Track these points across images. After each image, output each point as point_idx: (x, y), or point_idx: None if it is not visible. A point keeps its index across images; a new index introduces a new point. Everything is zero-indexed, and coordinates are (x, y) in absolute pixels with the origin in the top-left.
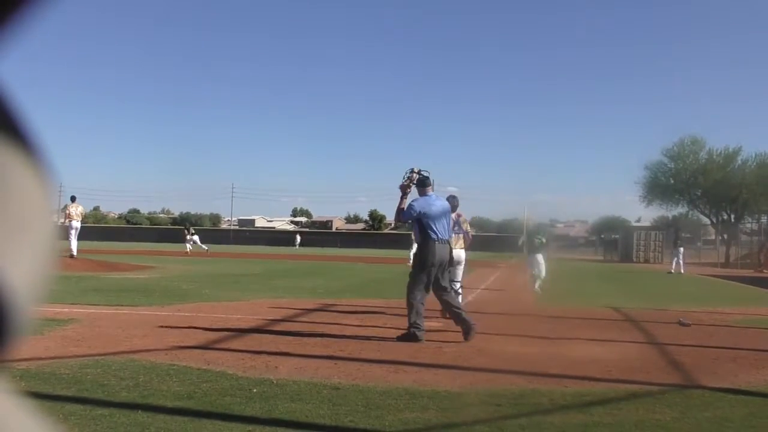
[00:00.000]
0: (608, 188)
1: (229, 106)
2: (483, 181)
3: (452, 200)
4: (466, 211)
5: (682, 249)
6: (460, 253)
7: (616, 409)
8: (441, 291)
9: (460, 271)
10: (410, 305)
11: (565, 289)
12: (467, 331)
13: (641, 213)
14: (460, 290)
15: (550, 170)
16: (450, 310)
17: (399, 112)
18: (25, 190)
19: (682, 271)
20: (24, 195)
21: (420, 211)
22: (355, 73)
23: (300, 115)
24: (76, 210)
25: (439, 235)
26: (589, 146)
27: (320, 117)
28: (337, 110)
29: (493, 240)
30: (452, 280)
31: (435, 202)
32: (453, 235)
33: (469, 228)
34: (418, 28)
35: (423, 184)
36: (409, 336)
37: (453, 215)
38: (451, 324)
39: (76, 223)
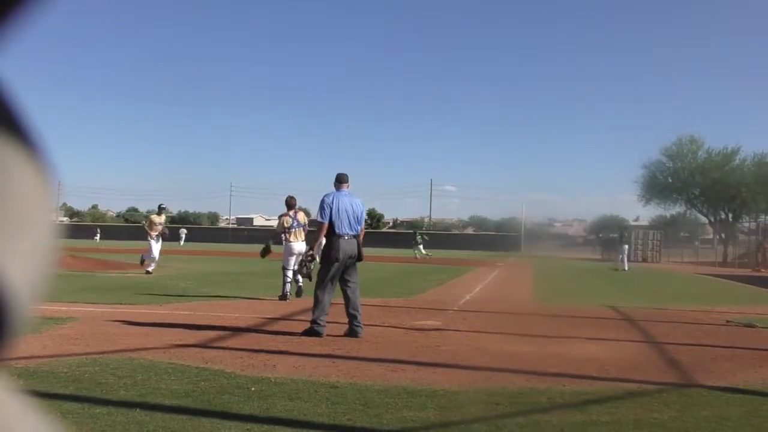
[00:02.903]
0: (606, 187)
1: (228, 104)
2: (481, 180)
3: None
4: (465, 211)
5: (626, 247)
6: (302, 245)
7: (614, 407)
8: (345, 285)
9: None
10: (317, 300)
11: (564, 288)
12: (351, 331)
13: (639, 212)
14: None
15: (548, 169)
16: (347, 306)
17: (397, 110)
18: (25, 188)
19: (626, 268)
20: (24, 193)
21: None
22: (353, 72)
23: (298, 113)
24: (161, 220)
25: (345, 230)
26: (588, 145)
27: (319, 115)
28: (334, 108)
29: (491, 239)
30: (287, 269)
31: (345, 198)
32: (294, 229)
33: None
34: (416, 26)
35: (339, 180)
36: (311, 331)
37: (291, 212)
38: (450, 323)
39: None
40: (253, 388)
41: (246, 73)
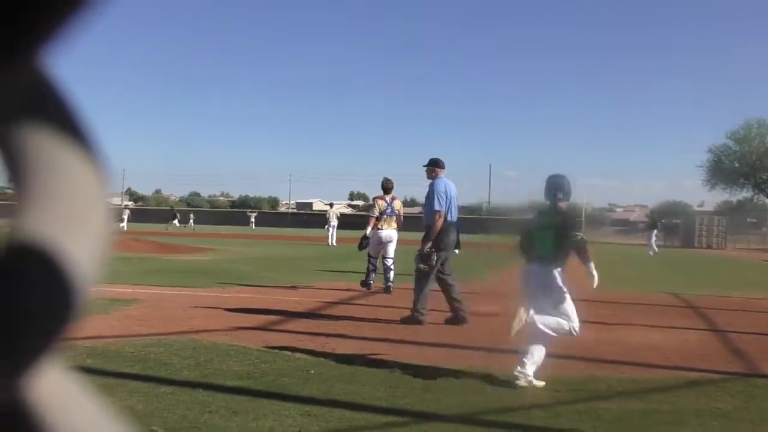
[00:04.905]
0: (670, 172)
1: (287, 87)
2: (539, 164)
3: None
4: (525, 196)
5: (654, 231)
6: (392, 233)
7: (675, 396)
8: (443, 273)
9: (391, 248)
10: (420, 288)
11: (624, 275)
12: (457, 318)
13: (704, 197)
14: (392, 266)
15: (609, 153)
16: (450, 293)
17: (455, 94)
18: (84, 181)
19: (651, 253)
20: (82, 186)
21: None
22: (408, 55)
23: (356, 98)
24: (336, 212)
25: (454, 218)
26: (651, 127)
27: (376, 100)
28: (391, 93)
29: None
30: (385, 257)
31: (451, 185)
32: (386, 216)
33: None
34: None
35: (442, 166)
36: (412, 319)
37: (388, 197)
38: (510, 308)
39: (335, 222)
40: (312, 371)
41: (308, 55)
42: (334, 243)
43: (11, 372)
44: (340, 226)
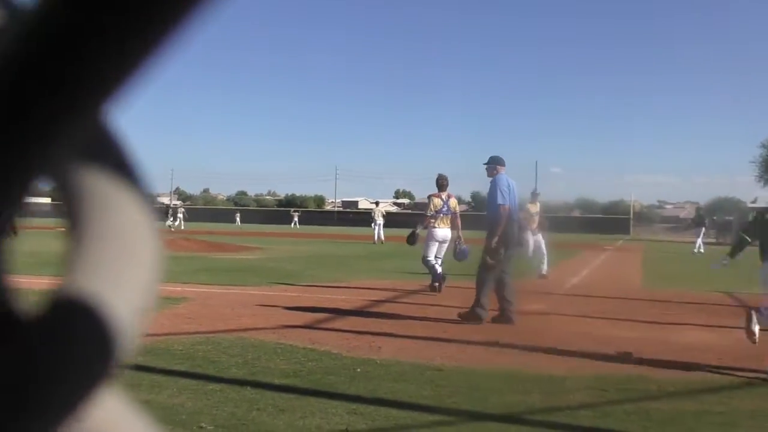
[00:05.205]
0: (722, 168)
1: (329, 85)
2: (587, 160)
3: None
4: (571, 193)
5: (702, 229)
6: (448, 232)
7: (728, 397)
8: (501, 272)
9: (443, 248)
10: (482, 285)
11: (675, 273)
12: (504, 318)
13: (757, 193)
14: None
15: (660, 147)
16: (503, 292)
17: (497, 92)
18: (133, 223)
19: (694, 250)
20: (131, 228)
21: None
22: (456, 53)
23: (400, 95)
24: (381, 210)
25: (516, 215)
26: (704, 121)
27: (423, 101)
28: (435, 93)
29: (598, 222)
30: (437, 256)
31: (512, 182)
32: (442, 214)
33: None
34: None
35: (502, 163)
36: (473, 316)
37: (443, 195)
38: (556, 307)
39: (381, 220)
40: (358, 369)
41: (354, 53)
42: (382, 240)
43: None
44: (385, 225)
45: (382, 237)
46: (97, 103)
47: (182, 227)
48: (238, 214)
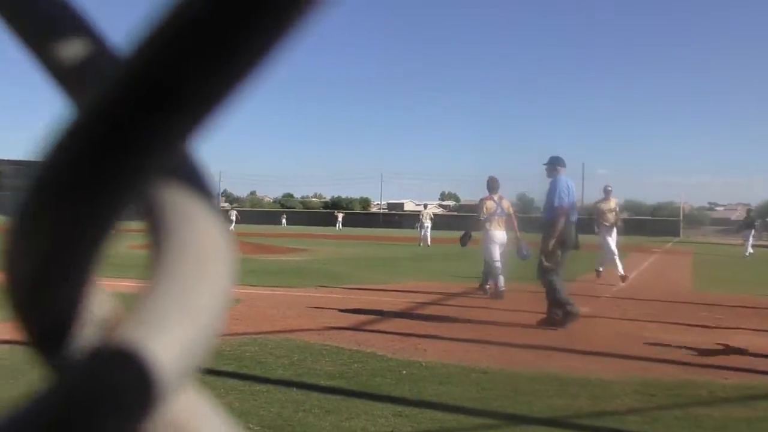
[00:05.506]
0: None
1: (374, 85)
2: (635, 162)
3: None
4: (618, 195)
5: (753, 231)
6: (503, 234)
7: None
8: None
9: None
10: (557, 287)
11: (726, 276)
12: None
13: None
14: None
15: (709, 149)
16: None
17: (542, 93)
18: (212, 235)
19: (747, 252)
20: (210, 241)
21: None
22: (500, 52)
23: (452, 98)
24: (430, 213)
25: (575, 216)
26: (758, 120)
27: (472, 101)
28: (489, 92)
29: (646, 224)
30: (495, 260)
31: (572, 183)
32: (496, 216)
33: (511, 210)
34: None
35: (562, 164)
36: (568, 315)
37: (495, 197)
38: (603, 310)
39: (428, 222)
40: (404, 372)
41: (396, 56)
42: (428, 244)
43: None
44: (432, 227)
45: (429, 241)
46: (189, 129)
47: (234, 230)
48: (284, 216)
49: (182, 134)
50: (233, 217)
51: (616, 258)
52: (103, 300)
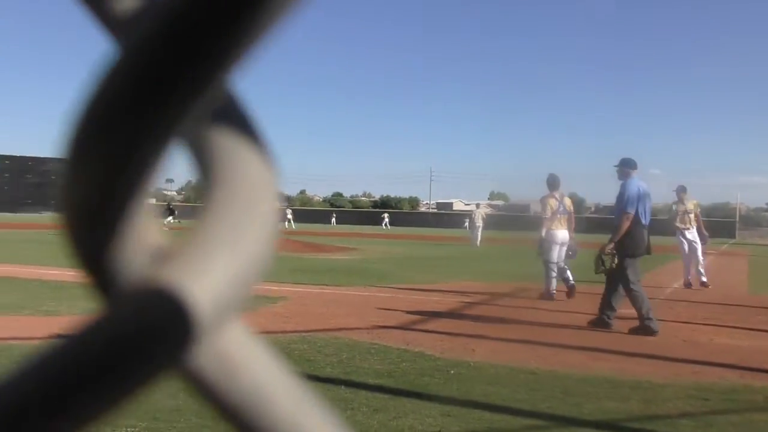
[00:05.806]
0: None
1: (427, 88)
2: (688, 162)
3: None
4: (672, 195)
5: None
6: (566, 233)
7: None
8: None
9: (563, 250)
10: (639, 297)
11: None
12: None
13: None
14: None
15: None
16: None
17: (600, 89)
18: (259, 172)
19: None
20: (258, 177)
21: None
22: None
23: (504, 101)
24: (482, 213)
25: (648, 221)
26: None
27: (523, 100)
28: (532, 93)
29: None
30: (552, 261)
31: (644, 186)
32: (559, 215)
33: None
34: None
35: (634, 166)
36: (645, 329)
37: (557, 195)
38: (657, 312)
39: (480, 222)
40: (452, 371)
41: (446, 56)
42: (478, 244)
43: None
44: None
45: (478, 242)
46: (225, 70)
47: (293, 228)
48: (334, 215)
49: (224, 67)
50: (289, 216)
51: (691, 264)
52: (154, 233)
